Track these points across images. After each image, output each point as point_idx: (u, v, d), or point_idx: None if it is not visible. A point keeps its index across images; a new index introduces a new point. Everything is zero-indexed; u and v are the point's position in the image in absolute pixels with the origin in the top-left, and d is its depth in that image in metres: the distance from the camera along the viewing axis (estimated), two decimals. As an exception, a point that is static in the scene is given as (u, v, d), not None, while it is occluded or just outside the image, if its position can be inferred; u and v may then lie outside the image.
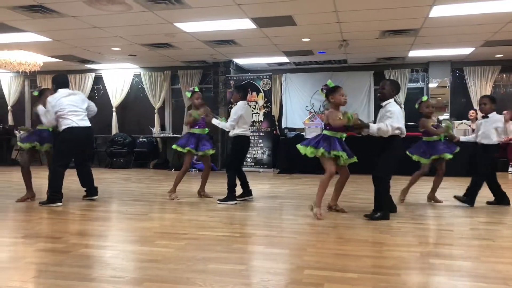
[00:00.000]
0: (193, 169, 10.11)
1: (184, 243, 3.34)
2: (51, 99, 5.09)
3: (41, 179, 5.72)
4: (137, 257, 3.04)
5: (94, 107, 5.47)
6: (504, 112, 9.63)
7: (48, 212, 4.71)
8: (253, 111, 10.08)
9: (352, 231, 3.85)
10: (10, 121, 12.72)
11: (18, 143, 5.68)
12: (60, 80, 5.28)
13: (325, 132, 4.51)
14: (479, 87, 10.36)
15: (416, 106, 5.40)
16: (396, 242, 3.42)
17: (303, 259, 2.92)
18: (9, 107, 12.74)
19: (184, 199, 5.71)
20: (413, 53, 9.63)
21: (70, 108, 5.08)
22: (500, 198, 5.16)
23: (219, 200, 5.34)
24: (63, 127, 5.05)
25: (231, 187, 5.26)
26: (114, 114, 11.91)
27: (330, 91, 4.49)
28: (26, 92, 12.91)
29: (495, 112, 5.12)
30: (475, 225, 4.10)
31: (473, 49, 9.16)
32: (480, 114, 5.66)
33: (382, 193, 4.32)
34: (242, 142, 5.40)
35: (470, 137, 5.53)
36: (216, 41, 8.54)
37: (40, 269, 2.70)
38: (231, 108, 10.31)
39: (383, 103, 4.47)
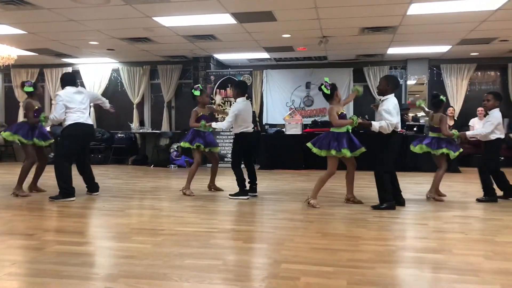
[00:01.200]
0: (172, 165, 10.03)
1: (161, 239, 3.32)
2: (63, 93, 5.18)
3: (15, 175, 5.57)
4: (113, 253, 3.00)
5: (99, 96, 6.02)
6: (479, 109, 9.88)
7: (21, 209, 4.60)
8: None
9: (330, 225, 3.89)
10: (-17, 116, 12.37)
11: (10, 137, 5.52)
12: (69, 78, 5.42)
13: (333, 130, 4.72)
14: (455, 84, 10.57)
15: (444, 98, 5.40)
16: (372, 236, 3.47)
17: (281, 254, 2.94)
18: (-18, 102, 12.39)
19: (163, 195, 5.67)
20: (392, 50, 9.76)
21: (79, 105, 5.21)
22: (508, 192, 5.24)
23: (230, 194, 5.37)
24: (69, 122, 5.12)
25: (241, 182, 5.31)
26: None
27: (335, 87, 4.76)
28: None
29: (497, 109, 5.12)
30: (449, 219, 4.19)
31: (450, 47, 9.33)
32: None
33: (384, 186, 4.57)
34: (244, 139, 5.36)
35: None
36: (196, 36, 8.46)
37: (12, 266, 2.64)
38: (211, 104, 10.32)
39: (382, 98, 4.66)
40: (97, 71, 11.63)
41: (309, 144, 4.83)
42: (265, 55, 10.34)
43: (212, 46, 9.40)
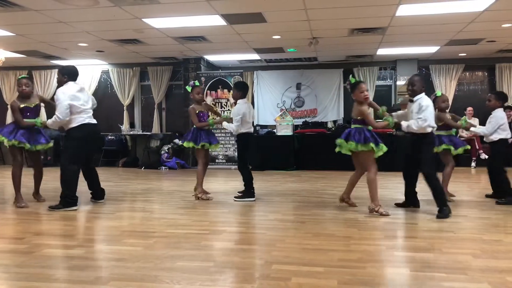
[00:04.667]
0: (163, 167, 9.99)
1: (152, 241, 3.31)
2: (66, 90, 4.68)
3: (4, 179, 5.49)
4: (103, 256, 2.99)
5: (94, 100, 5.17)
6: (468, 108, 9.97)
7: (10, 213, 4.56)
8: (224, 108, 10.06)
9: (321, 225, 3.91)
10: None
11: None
12: (73, 72, 4.87)
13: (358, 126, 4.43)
14: (444, 84, 10.68)
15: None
16: (362, 236, 3.49)
17: (272, 254, 2.95)
18: (-31, 104, 12.22)
19: (154, 198, 5.64)
20: (381, 51, 9.83)
21: (85, 105, 4.78)
22: (501, 192, 5.08)
23: (236, 198, 5.32)
24: (75, 124, 4.69)
25: (248, 184, 5.27)
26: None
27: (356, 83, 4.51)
28: (-12, 89, 12.40)
29: (501, 109, 5.11)
30: (438, 219, 4.22)
31: (438, 47, 9.43)
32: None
33: (437, 188, 4.33)
34: (246, 140, 5.37)
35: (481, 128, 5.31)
36: (186, 37, 8.45)
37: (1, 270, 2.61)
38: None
39: (414, 98, 4.37)
40: (86, 73, 11.52)
41: (344, 143, 4.43)
42: (255, 56, 10.36)
43: (202, 47, 9.39)
